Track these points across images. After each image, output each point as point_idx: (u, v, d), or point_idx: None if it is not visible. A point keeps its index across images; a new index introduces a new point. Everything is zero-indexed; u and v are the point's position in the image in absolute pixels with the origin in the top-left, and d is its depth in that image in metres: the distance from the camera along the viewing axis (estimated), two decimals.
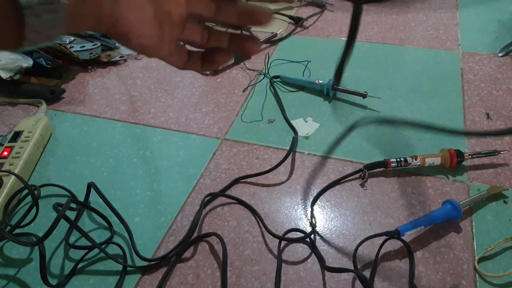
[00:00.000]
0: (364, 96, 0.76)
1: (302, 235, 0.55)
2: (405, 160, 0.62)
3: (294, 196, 0.61)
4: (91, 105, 0.83)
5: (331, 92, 0.78)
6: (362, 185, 0.62)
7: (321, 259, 0.52)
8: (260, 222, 0.58)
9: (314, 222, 0.57)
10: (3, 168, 0.64)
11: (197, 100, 0.82)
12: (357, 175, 0.63)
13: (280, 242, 0.54)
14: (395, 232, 0.51)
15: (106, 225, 0.58)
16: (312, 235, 0.55)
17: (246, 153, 0.69)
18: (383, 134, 0.70)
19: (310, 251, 0.54)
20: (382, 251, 0.52)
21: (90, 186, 0.61)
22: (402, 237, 0.52)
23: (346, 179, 0.63)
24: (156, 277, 0.52)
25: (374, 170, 0.64)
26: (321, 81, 0.79)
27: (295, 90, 0.82)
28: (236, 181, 0.64)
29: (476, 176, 0.62)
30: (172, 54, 0.33)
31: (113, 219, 0.59)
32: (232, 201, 0.61)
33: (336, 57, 0.37)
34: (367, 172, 0.63)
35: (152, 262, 0.53)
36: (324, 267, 0.51)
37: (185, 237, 0.55)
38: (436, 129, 0.57)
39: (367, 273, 0.50)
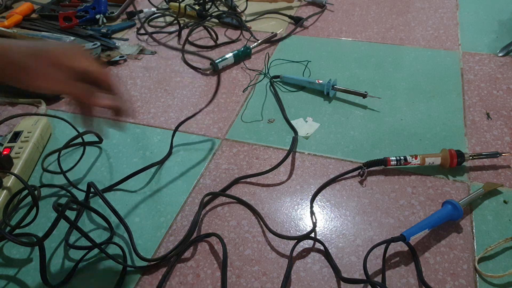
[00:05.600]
0: (364, 96, 0.76)
1: (317, 243, 0.54)
2: (405, 159, 0.62)
3: (294, 196, 0.61)
4: None
5: (331, 92, 0.78)
6: (361, 182, 0.62)
7: (336, 269, 0.51)
8: (261, 222, 0.58)
9: (314, 221, 0.57)
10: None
11: (197, 100, 0.82)
12: (355, 173, 0.63)
13: (295, 245, 0.54)
14: (401, 238, 0.51)
15: (106, 225, 0.58)
16: (313, 233, 0.55)
17: (246, 153, 0.69)
18: (383, 134, 0.70)
19: (322, 257, 0.54)
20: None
21: (90, 186, 0.61)
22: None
23: (345, 176, 0.63)
24: (156, 277, 0.52)
25: (374, 169, 0.64)
26: (321, 81, 0.79)
27: (295, 90, 0.82)
28: (236, 181, 0.64)
29: (476, 176, 0.62)
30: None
31: (113, 219, 0.59)
32: (232, 201, 0.61)
33: (336, 57, 0.37)
34: (366, 170, 0.63)
35: (152, 262, 0.53)
36: (340, 278, 0.50)
37: (185, 237, 0.55)
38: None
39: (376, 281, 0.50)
